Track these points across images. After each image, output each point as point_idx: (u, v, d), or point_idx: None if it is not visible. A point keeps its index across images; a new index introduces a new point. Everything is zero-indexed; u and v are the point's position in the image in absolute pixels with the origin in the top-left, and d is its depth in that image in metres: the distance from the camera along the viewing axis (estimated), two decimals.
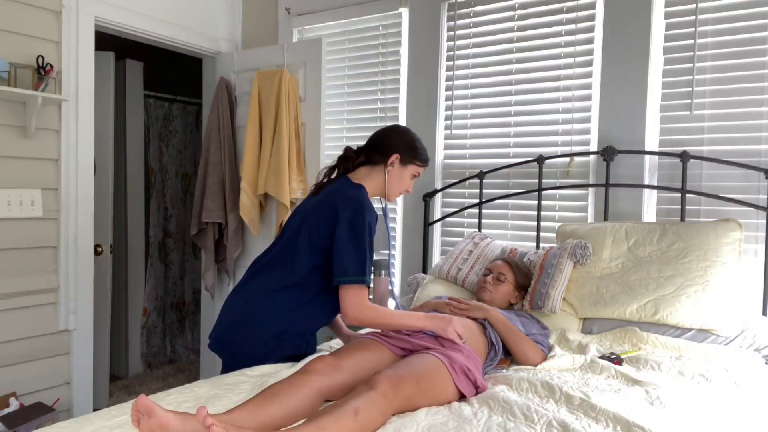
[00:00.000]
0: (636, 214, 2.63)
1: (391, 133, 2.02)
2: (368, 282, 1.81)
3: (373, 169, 2.00)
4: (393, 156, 1.97)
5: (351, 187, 1.93)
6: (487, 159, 3.04)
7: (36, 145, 2.72)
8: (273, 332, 1.87)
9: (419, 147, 2.03)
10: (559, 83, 2.84)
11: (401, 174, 2.01)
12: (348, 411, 1.27)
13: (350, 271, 1.78)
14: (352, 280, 1.78)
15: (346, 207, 1.84)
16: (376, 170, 1.99)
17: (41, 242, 2.75)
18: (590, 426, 1.34)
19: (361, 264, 1.80)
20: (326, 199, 1.91)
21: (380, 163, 1.99)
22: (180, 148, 4.74)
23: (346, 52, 3.50)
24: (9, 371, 2.66)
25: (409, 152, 2.00)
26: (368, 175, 2.00)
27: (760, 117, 2.40)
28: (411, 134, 2.04)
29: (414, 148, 2.01)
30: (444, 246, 3.18)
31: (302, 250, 1.88)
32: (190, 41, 3.49)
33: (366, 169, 2.00)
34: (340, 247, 1.81)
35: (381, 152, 1.99)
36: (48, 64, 2.65)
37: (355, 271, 1.78)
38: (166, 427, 1.17)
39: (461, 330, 1.81)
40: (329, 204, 1.88)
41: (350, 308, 1.78)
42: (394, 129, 2.05)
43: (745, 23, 2.43)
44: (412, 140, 2.02)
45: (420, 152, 2.03)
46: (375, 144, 2.01)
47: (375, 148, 2.00)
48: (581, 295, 2.35)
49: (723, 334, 2.10)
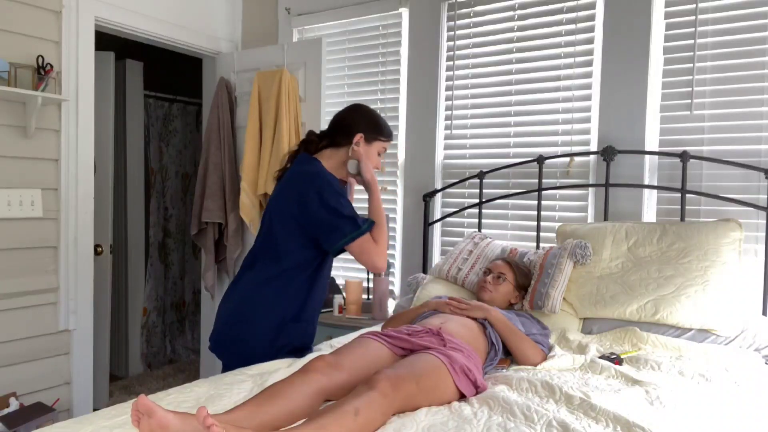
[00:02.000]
0: (636, 214, 2.63)
1: (353, 113, 2.03)
2: (367, 228, 1.86)
3: (337, 151, 2.00)
4: (357, 136, 1.97)
5: (304, 164, 1.95)
6: (487, 159, 3.04)
7: (36, 145, 2.72)
8: (270, 323, 1.90)
9: (381, 123, 2.04)
10: (559, 83, 2.84)
11: (368, 152, 2.01)
12: (348, 411, 1.27)
13: (347, 231, 1.83)
14: (354, 236, 1.82)
15: (306, 183, 1.88)
16: (341, 152, 2.00)
17: (41, 242, 2.75)
18: (590, 426, 1.34)
19: (351, 218, 1.84)
20: (286, 183, 1.95)
21: (345, 145, 1.99)
22: (180, 148, 4.74)
23: (346, 52, 3.50)
24: (9, 371, 2.66)
25: (372, 129, 2.00)
26: (332, 156, 2.00)
27: (760, 117, 2.40)
28: (372, 111, 2.06)
29: (377, 125, 2.02)
30: (444, 246, 3.18)
31: (280, 237, 1.91)
32: (190, 41, 3.49)
33: (330, 151, 2.01)
34: (323, 218, 1.84)
35: (344, 133, 1.99)
36: (48, 64, 2.65)
37: (351, 227, 1.83)
38: (166, 427, 1.17)
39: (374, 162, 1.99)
40: (290, 186, 1.92)
41: (370, 257, 1.85)
42: (354, 108, 2.06)
43: (745, 23, 2.43)
44: (374, 117, 2.04)
45: (383, 128, 2.04)
46: (337, 126, 2.02)
47: (338, 130, 2.01)
48: (581, 295, 2.35)
49: (723, 334, 2.10)
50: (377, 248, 1.87)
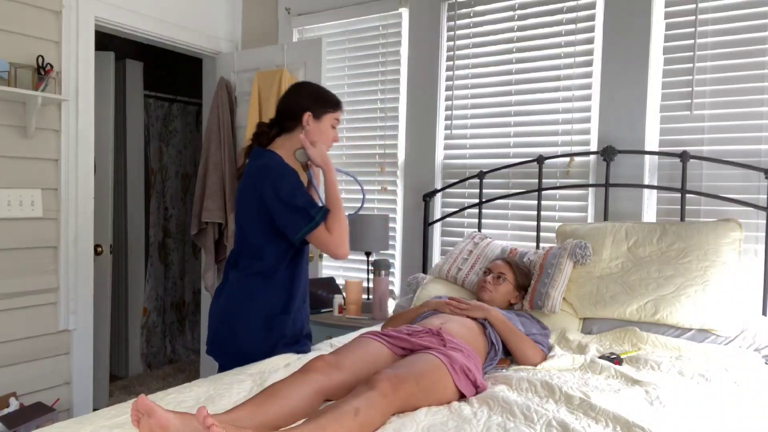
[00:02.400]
0: (636, 214, 2.63)
1: (294, 95, 2.01)
2: (321, 219, 1.85)
3: (289, 136, 1.99)
4: (305, 115, 1.96)
5: (258, 158, 1.95)
6: (487, 159, 3.04)
7: (36, 145, 2.72)
8: (259, 319, 1.92)
9: (326, 94, 2.02)
10: (559, 83, 2.84)
11: (320, 129, 1.99)
12: (348, 411, 1.27)
13: (301, 225, 1.83)
14: (307, 230, 1.83)
15: (260, 178, 1.89)
16: (294, 137, 1.98)
17: (41, 242, 2.75)
18: (590, 426, 1.34)
19: (303, 210, 1.84)
20: (244, 180, 1.97)
21: (295, 129, 1.98)
22: (180, 148, 4.74)
23: (346, 52, 3.50)
24: (9, 371, 2.66)
25: (318, 104, 1.98)
26: (285, 143, 1.99)
27: (760, 117, 2.40)
28: (314, 86, 2.05)
29: (321, 98, 2.00)
30: (444, 246, 3.18)
31: (251, 235, 1.93)
32: (190, 41, 3.49)
33: (282, 138, 2.00)
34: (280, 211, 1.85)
35: (292, 117, 1.97)
36: (48, 64, 2.65)
37: (304, 220, 1.83)
38: (165, 427, 1.17)
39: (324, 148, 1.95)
40: (247, 183, 1.94)
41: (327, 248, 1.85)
42: (295, 89, 2.04)
43: (745, 23, 2.43)
44: (317, 91, 2.02)
45: (329, 99, 2.01)
46: (283, 111, 2.00)
47: (285, 115, 1.99)
48: (581, 295, 2.35)
49: (723, 334, 2.10)
50: (331, 238, 1.85)
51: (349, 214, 2.20)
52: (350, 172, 2.17)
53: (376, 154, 3.39)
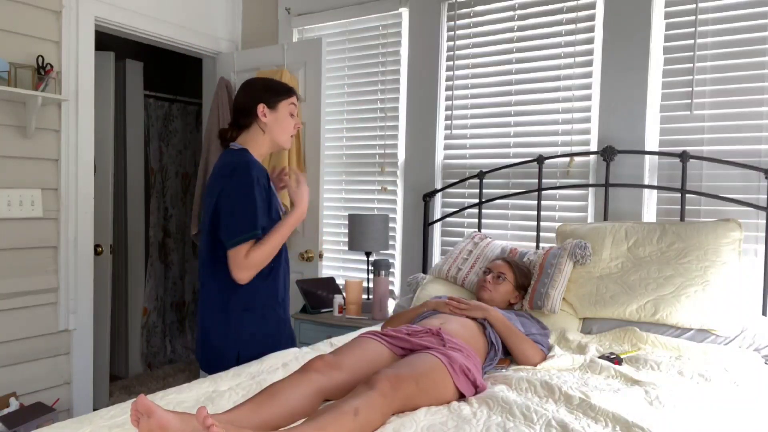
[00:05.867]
0: (636, 214, 2.63)
1: (244, 91, 2.02)
2: (255, 236, 1.85)
3: (249, 132, 2.00)
4: (258, 108, 1.97)
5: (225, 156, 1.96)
6: (487, 159, 3.04)
7: (36, 145, 2.72)
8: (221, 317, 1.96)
9: (275, 84, 2.03)
10: (559, 83, 2.84)
11: (278, 118, 2.00)
12: (347, 411, 1.27)
13: (233, 234, 1.84)
14: (238, 241, 1.83)
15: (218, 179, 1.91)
16: (254, 130, 1.99)
17: (41, 242, 2.75)
18: (589, 426, 1.34)
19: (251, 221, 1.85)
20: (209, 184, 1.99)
21: (253, 123, 1.99)
22: (180, 148, 4.74)
23: (346, 52, 3.50)
24: (9, 371, 2.66)
25: (269, 94, 1.99)
26: (249, 139, 2.00)
27: (760, 117, 2.40)
28: (262, 78, 2.07)
29: (271, 87, 2.01)
30: (444, 246, 3.18)
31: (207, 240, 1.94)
32: (190, 41, 3.49)
33: (243, 136, 2.01)
34: (224, 212, 1.86)
35: (246, 112, 1.99)
36: (48, 64, 2.66)
37: (241, 230, 1.84)
38: (165, 427, 1.17)
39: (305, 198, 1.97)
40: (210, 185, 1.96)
41: (235, 269, 1.85)
42: (245, 86, 2.04)
43: (745, 23, 2.43)
44: (265, 82, 2.03)
45: (278, 87, 2.02)
46: (238, 110, 2.01)
47: (240, 112, 2.00)
48: (581, 295, 2.35)
49: (723, 334, 2.10)
50: (245, 261, 1.84)
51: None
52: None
53: (376, 154, 3.39)
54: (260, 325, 1.99)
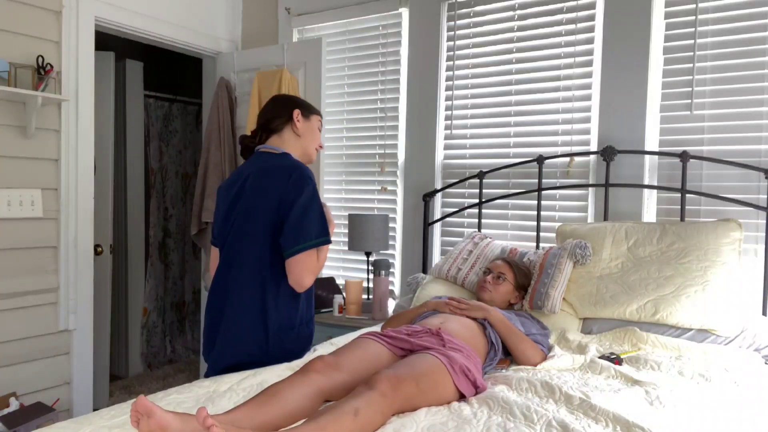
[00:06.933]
0: (636, 214, 2.63)
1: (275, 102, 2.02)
2: (327, 240, 1.84)
3: (282, 136, 1.98)
4: (294, 112, 1.97)
5: (271, 159, 1.92)
6: (487, 159, 3.04)
7: (36, 145, 2.72)
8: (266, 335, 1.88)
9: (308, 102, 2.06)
10: (559, 83, 2.84)
11: (311, 127, 2.01)
12: (348, 411, 1.27)
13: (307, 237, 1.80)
14: (314, 244, 1.80)
15: (277, 181, 1.84)
16: (287, 135, 1.98)
17: (41, 242, 2.75)
18: (590, 426, 1.34)
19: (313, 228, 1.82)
20: (257, 185, 1.89)
21: (285, 127, 1.97)
22: (180, 148, 4.74)
23: (346, 52, 3.50)
24: (9, 371, 2.66)
25: (304, 106, 2.01)
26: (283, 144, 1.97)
27: (760, 117, 2.40)
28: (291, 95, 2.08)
29: (303, 102, 2.03)
30: (444, 246, 3.18)
31: (259, 244, 1.86)
32: (190, 41, 3.49)
33: (274, 140, 1.98)
34: (298, 215, 1.80)
35: (278, 117, 1.97)
36: (48, 64, 2.65)
37: (316, 233, 1.82)
38: (165, 427, 1.17)
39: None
40: (262, 186, 1.87)
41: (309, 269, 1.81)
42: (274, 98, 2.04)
43: (745, 23, 2.43)
44: (296, 98, 2.05)
45: (309, 104, 2.04)
46: (269, 114, 1.99)
47: (270, 119, 1.98)
48: (581, 295, 2.35)
49: (723, 334, 2.10)
50: (317, 265, 1.84)
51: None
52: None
53: (376, 154, 3.39)
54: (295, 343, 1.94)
